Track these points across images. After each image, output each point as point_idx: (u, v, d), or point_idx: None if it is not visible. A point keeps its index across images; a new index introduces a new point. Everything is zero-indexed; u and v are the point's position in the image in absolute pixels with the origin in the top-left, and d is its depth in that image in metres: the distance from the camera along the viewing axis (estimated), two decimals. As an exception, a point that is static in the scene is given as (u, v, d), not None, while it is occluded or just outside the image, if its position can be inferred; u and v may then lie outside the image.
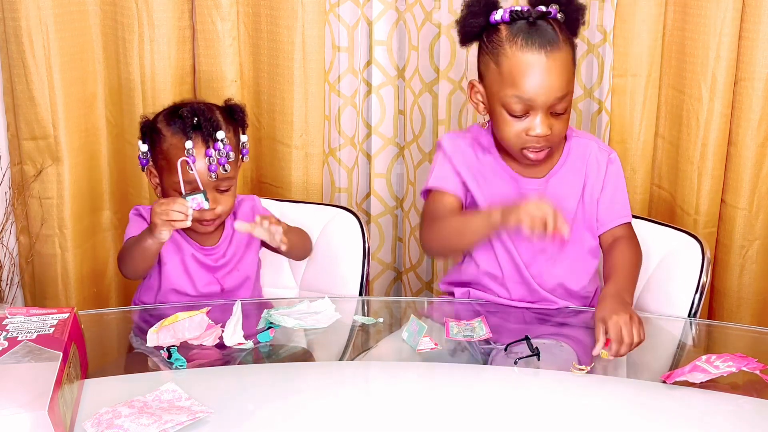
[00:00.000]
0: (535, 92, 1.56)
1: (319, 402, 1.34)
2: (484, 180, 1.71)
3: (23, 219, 2.29)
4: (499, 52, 1.59)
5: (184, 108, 1.68)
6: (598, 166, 1.72)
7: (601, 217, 1.72)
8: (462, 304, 1.73)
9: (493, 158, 1.71)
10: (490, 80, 1.62)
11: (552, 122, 1.59)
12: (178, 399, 1.28)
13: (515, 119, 1.60)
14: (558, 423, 1.29)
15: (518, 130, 1.60)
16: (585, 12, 1.65)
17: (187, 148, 1.63)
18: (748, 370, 1.37)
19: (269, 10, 2.20)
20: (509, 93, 1.58)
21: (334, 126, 2.34)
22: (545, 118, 1.58)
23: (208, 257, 1.76)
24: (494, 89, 1.61)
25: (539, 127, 1.58)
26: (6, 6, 2.12)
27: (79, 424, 1.22)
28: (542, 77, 1.56)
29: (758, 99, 2.03)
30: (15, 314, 1.34)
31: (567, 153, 1.72)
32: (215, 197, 1.69)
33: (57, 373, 1.18)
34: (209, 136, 1.65)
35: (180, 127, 1.66)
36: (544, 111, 1.58)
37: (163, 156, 1.68)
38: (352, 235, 1.93)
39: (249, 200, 1.85)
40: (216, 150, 1.65)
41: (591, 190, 1.71)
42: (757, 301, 2.17)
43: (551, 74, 1.56)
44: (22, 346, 1.25)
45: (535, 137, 1.59)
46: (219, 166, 1.66)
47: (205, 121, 1.66)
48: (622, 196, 1.74)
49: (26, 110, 2.19)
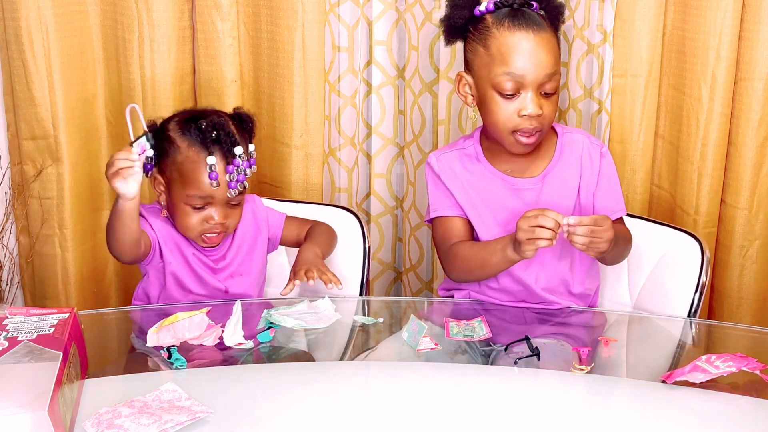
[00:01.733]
0: (526, 68, 1.58)
1: (319, 402, 1.34)
2: (478, 190, 1.72)
3: (23, 219, 2.29)
4: (486, 36, 1.61)
5: (202, 120, 1.64)
6: (591, 161, 1.72)
7: (596, 211, 1.71)
8: (462, 304, 1.73)
9: (482, 166, 1.72)
10: (478, 65, 1.64)
11: (542, 102, 1.61)
12: (178, 399, 1.28)
13: (506, 100, 1.61)
14: (558, 423, 1.29)
15: (510, 112, 1.61)
16: (564, 11, 1.69)
17: (209, 164, 1.60)
18: (748, 370, 1.37)
19: (269, 10, 2.20)
20: (500, 71, 1.59)
21: (334, 126, 2.34)
22: (536, 97, 1.60)
23: (209, 257, 1.76)
24: (483, 72, 1.62)
25: (530, 105, 1.59)
26: (6, 6, 2.12)
27: (79, 424, 1.22)
28: (531, 53, 1.58)
29: (758, 99, 2.03)
30: (15, 314, 1.34)
31: (560, 149, 1.72)
32: (226, 212, 1.67)
33: (57, 373, 1.18)
34: (228, 152, 1.62)
35: (198, 140, 1.63)
36: (535, 89, 1.59)
37: (176, 168, 1.65)
38: (352, 235, 1.93)
39: (249, 201, 1.83)
40: (235, 166, 1.62)
41: (586, 185, 1.72)
42: (757, 301, 2.17)
43: (540, 51, 1.58)
44: (22, 346, 1.25)
45: (527, 117, 1.60)
46: (238, 184, 1.63)
47: (225, 136, 1.62)
48: (615, 190, 1.74)
49: (26, 110, 2.19)
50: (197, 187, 1.63)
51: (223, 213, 1.66)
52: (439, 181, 1.74)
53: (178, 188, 1.66)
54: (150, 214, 1.72)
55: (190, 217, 1.66)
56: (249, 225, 1.80)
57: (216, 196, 1.64)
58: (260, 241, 1.81)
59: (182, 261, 1.73)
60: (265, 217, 1.83)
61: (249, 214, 1.81)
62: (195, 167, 1.62)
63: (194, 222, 1.67)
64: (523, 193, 1.70)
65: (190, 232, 1.68)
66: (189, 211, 1.66)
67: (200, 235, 1.68)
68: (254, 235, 1.80)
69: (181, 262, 1.73)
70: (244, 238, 1.78)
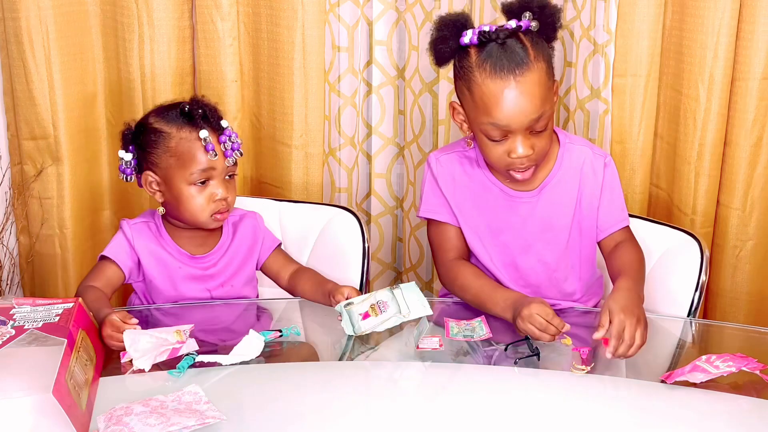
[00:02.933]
0: (509, 119, 1.54)
1: (319, 402, 1.34)
2: (474, 197, 1.72)
3: (23, 219, 2.29)
4: (470, 79, 1.57)
5: (183, 104, 1.69)
6: (594, 173, 1.71)
7: (600, 222, 1.71)
8: (462, 304, 1.73)
9: (482, 172, 1.71)
10: (466, 106, 1.62)
11: (533, 141, 1.58)
12: (197, 402, 1.29)
13: (496, 143, 1.59)
14: (558, 423, 1.29)
15: (500, 153, 1.60)
16: (560, 14, 1.62)
17: (203, 137, 1.64)
18: (748, 370, 1.37)
19: (269, 10, 2.20)
20: (485, 121, 1.57)
21: (334, 126, 2.34)
22: (525, 139, 1.57)
23: (198, 265, 1.75)
24: (471, 116, 1.61)
25: (520, 148, 1.57)
26: (6, 6, 2.12)
27: (98, 410, 1.26)
28: (514, 103, 1.53)
29: (753, 99, 2.03)
30: (22, 304, 1.41)
31: (560, 162, 1.70)
32: (226, 185, 1.69)
33: (62, 356, 1.21)
34: (217, 126, 1.67)
35: (186, 121, 1.66)
36: (523, 133, 1.57)
37: (171, 153, 1.66)
38: (352, 235, 1.93)
39: (251, 218, 1.83)
40: (227, 136, 1.66)
41: (588, 198, 1.70)
42: (750, 302, 2.17)
43: (523, 98, 1.53)
44: (28, 333, 1.30)
45: (517, 159, 1.59)
46: (234, 152, 1.67)
47: (210, 112, 1.68)
48: (619, 199, 1.73)
49: (26, 110, 2.19)
50: (197, 162, 1.65)
51: (224, 186, 1.68)
52: (435, 185, 1.74)
53: (177, 173, 1.67)
54: (136, 233, 1.72)
55: (196, 199, 1.67)
56: (247, 239, 1.80)
57: (216, 167, 1.66)
58: (252, 258, 1.81)
59: (167, 278, 1.73)
60: (263, 236, 1.83)
61: (250, 229, 1.81)
62: (190, 145, 1.65)
63: (201, 202, 1.67)
64: (519, 206, 1.70)
65: (201, 215, 1.68)
66: (194, 192, 1.67)
67: (211, 215, 1.68)
68: (250, 249, 1.81)
69: (166, 279, 1.73)
70: (239, 251, 1.79)
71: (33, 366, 1.21)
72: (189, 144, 1.65)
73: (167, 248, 1.73)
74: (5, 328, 1.32)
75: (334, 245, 1.95)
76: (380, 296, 1.59)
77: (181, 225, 1.73)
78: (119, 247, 1.71)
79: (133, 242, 1.71)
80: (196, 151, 1.65)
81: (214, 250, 1.76)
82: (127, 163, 1.71)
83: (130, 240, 1.71)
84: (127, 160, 1.71)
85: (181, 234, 1.73)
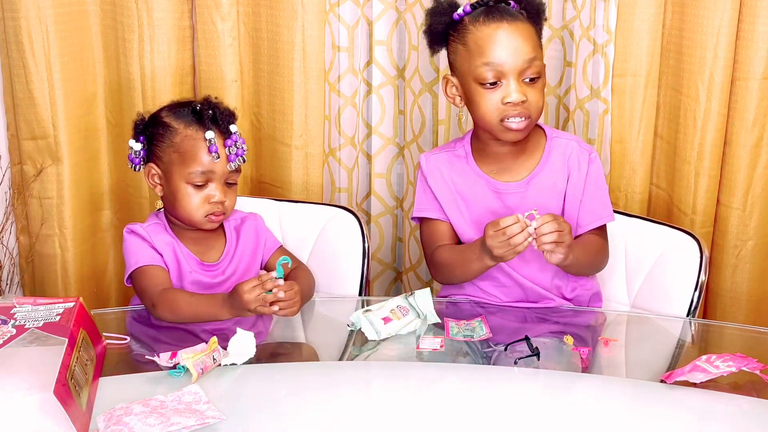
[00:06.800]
0: (503, 56, 1.61)
1: (319, 402, 1.34)
2: (462, 192, 1.73)
3: (23, 219, 2.29)
4: (464, 33, 1.65)
5: (195, 102, 1.70)
6: (579, 166, 1.72)
7: (579, 218, 1.72)
8: (462, 304, 1.73)
9: (470, 167, 1.73)
10: (460, 62, 1.67)
11: (526, 89, 1.62)
12: (197, 402, 1.29)
13: (489, 90, 1.62)
14: (558, 423, 1.29)
15: (494, 102, 1.63)
16: (544, 9, 1.71)
17: (208, 138, 1.64)
18: (748, 370, 1.37)
19: (269, 10, 2.20)
20: (479, 63, 1.62)
21: (334, 126, 2.34)
22: (518, 84, 1.61)
23: (207, 273, 1.75)
24: (465, 68, 1.65)
25: (514, 92, 1.61)
26: (6, 6, 2.12)
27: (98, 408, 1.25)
28: (508, 42, 1.61)
29: (753, 99, 2.03)
30: (23, 303, 1.41)
31: (547, 153, 1.72)
32: (224, 190, 1.69)
33: (63, 356, 1.21)
34: (225, 129, 1.67)
35: (195, 119, 1.67)
36: (516, 77, 1.61)
37: (175, 148, 1.67)
38: (352, 235, 1.93)
39: (252, 219, 1.83)
40: (234, 141, 1.67)
41: (573, 190, 1.72)
42: (749, 302, 2.17)
43: (516, 38, 1.61)
44: (29, 333, 1.31)
45: (512, 105, 1.61)
46: (237, 158, 1.67)
47: (220, 114, 1.68)
48: (603, 195, 1.74)
49: (26, 110, 2.19)
50: (198, 162, 1.65)
51: (222, 191, 1.68)
52: (425, 183, 1.77)
53: (177, 169, 1.67)
54: (153, 233, 1.71)
55: (192, 198, 1.67)
56: (250, 242, 1.80)
57: (216, 170, 1.66)
58: (256, 261, 1.81)
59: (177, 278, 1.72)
60: (265, 238, 1.83)
61: (252, 231, 1.81)
62: (194, 143, 1.66)
63: (197, 202, 1.67)
64: (507, 197, 1.70)
65: (195, 215, 1.68)
66: (190, 192, 1.67)
67: (205, 216, 1.68)
68: (253, 252, 1.81)
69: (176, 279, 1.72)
70: (243, 255, 1.79)
71: (34, 365, 1.22)
72: (193, 142, 1.66)
73: (181, 251, 1.73)
74: (6, 327, 1.33)
75: (334, 245, 1.95)
76: (398, 302, 1.62)
77: (182, 225, 1.72)
78: (143, 251, 1.69)
79: (153, 242, 1.70)
80: (198, 150, 1.65)
81: (221, 259, 1.76)
82: (136, 153, 1.72)
83: (150, 241, 1.70)
84: (137, 150, 1.72)
85: (185, 235, 1.73)
